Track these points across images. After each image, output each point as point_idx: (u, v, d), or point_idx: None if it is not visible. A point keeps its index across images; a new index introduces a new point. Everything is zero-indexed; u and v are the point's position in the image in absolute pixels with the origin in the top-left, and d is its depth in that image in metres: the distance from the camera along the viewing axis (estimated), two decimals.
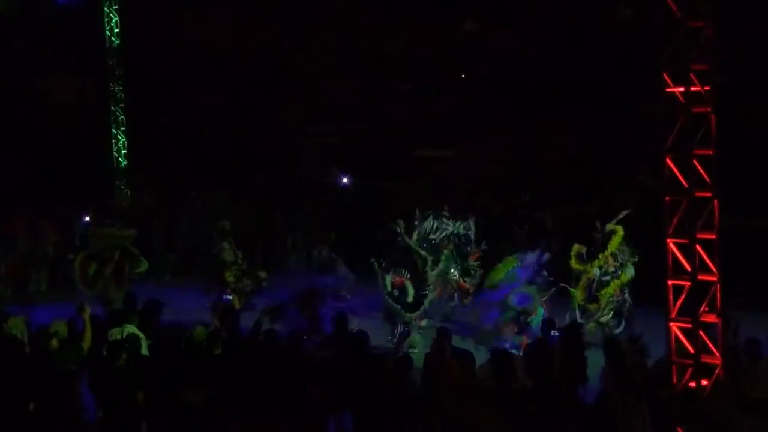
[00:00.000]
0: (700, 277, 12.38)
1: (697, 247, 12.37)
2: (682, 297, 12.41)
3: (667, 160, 12.44)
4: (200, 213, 31.45)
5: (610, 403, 13.26)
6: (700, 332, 12.45)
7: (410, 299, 21.13)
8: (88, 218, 30.85)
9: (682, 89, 12.37)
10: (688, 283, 12.38)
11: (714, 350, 12.50)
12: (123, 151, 34.10)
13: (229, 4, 36.47)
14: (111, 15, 33.70)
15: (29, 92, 35.17)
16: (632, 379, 13.16)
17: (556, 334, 15.71)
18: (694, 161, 12.33)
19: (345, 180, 35.59)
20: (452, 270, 22.82)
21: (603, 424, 13.38)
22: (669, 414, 12.74)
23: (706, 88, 12.40)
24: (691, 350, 12.42)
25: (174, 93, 36.00)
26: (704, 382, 12.45)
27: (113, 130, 33.96)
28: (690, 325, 12.39)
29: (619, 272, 20.83)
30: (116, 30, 33.73)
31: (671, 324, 12.54)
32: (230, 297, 21.95)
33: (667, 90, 12.47)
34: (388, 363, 13.97)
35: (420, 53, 36.09)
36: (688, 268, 12.36)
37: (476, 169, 33.85)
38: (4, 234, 28.86)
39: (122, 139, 34.03)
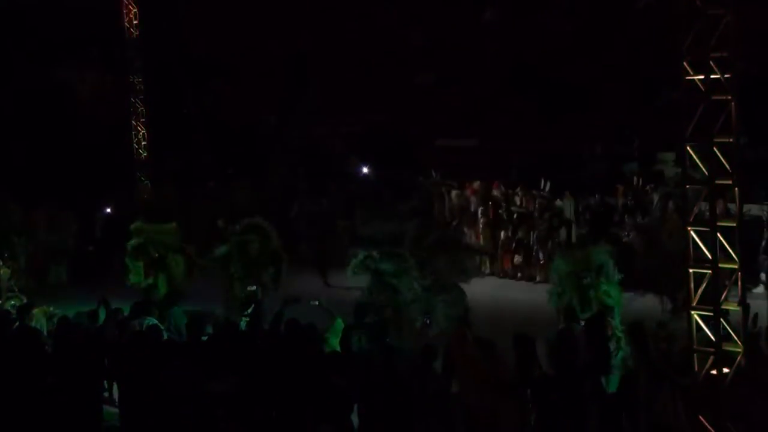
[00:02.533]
0: (721, 265, 12.34)
1: (718, 235, 12.34)
2: (703, 285, 12.38)
3: (687, 148, 12.39)
4: (220, 204, 31.48)
5: (632, 392, 13.18)
6: (722, 320, 12.43)
7: None
8: (108, 210, 31.00)
9: (702, 77, 12.32)
10: (709, 271, 12.35)
11: (735, 338, 12.47)
12: (143, 143, 34.15)
13: None
14: (130, 7, 33.74)
15: (49, 85, 35.21)
16: (658, 366, 13.06)
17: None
18: (715, 149, 12.29)
19: (365, 170, 35.59)
20: None
21: (625, 414, 13.33)
22: (691, 402, 12.70)
23: (727, 75, 12.34)
24: (713, 338, 12.39)
25: (193, 84, 35.98)
26: (726, 370, 12.42)
27: (133, 122, 34.01)
28: (711, 313, 12.36)
29: None
30: (135, 22, 33.78)
31: (692, 312, 12.51)
32: (254, 287, 21.91)
33: (687, 78, 12.41)
34: (412, 353, 13.94)
35: (441, 44, 36.04)
36: (709, 256, 12.33)
37: (498, 159, 33.83)
38: (25, 226, 28.94)
39: (142, 131, 34.08)
